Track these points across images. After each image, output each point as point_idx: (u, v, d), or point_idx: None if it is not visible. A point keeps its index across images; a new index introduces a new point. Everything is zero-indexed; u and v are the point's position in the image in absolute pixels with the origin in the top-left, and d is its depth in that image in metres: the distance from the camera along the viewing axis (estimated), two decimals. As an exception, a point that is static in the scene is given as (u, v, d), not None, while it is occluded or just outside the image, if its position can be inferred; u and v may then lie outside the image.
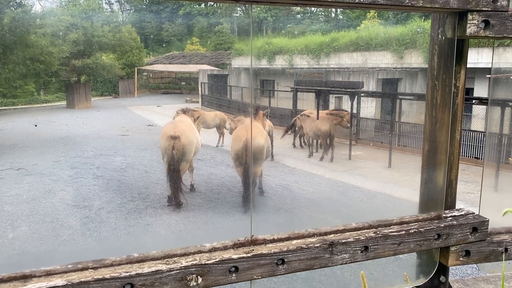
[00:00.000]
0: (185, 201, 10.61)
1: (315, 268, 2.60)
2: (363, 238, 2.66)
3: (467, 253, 2.92)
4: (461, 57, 2.85)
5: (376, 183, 13.85)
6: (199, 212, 10.05)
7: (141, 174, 12.99)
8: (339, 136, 21.28)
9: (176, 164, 10.30)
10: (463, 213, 3.00)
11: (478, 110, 19.95)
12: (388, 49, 25.80)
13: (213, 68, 43.67)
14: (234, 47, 39.80)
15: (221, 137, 20.43)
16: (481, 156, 16.99)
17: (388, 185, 13.64)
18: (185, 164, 10.66)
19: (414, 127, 20.11)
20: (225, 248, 2.51)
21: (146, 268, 2.27)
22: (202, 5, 54.78)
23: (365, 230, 2.76)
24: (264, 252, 2.47)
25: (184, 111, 12.38)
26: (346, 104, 23.73)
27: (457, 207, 3.08)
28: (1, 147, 17.40)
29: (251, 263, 2.45)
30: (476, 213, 3.02)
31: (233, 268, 2.42)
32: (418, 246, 2.78)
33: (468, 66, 2.92)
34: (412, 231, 2.77)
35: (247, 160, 10.31)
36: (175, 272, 2.30)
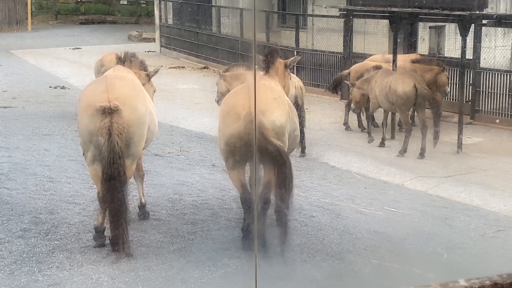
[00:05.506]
0: (129, 238, 7.64)
1: None
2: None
3: None
4: None
5: (515, 200, 10.44)
6: (155, 261, 7.18)
7: (42, 185, 9.51)
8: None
9: (112, 163, 7.27)
10: None
11: None
12: None
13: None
14: None
15: None
16: None
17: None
18: (129, 163, 7.47)
19: None
20: None
21: None
22: None
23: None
24: None
25: (123, 60, 8.54)
26: (451, 40, 17.74)
27: None
28: None
29: None
30: None
31: None
32: None
33: None
34: None
35: (249, 155, 7.48)
36: None
